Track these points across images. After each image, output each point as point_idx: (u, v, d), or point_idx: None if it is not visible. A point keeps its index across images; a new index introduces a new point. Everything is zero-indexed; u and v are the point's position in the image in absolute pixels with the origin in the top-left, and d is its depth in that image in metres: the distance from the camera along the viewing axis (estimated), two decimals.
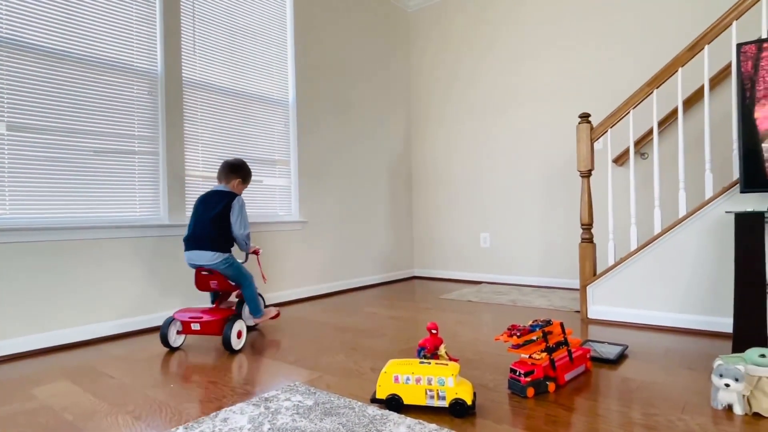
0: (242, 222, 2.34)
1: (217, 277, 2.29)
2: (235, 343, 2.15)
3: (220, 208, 2.29)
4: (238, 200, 2.35)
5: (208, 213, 2.29)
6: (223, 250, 2.28)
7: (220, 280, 2.29)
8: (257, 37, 3.32)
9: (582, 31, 3.70)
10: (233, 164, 2.46)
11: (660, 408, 1.45)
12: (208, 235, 2.25)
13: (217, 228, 2.27)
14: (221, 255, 2.26)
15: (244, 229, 2.35)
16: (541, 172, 3.92)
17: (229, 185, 2.43)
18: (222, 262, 2.27)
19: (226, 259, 2.28)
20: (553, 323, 1.72)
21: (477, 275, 4.30)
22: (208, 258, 2.25)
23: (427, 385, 1.43)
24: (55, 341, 2.28)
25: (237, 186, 2.45)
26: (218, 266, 2.26)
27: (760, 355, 1.40)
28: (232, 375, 1.83)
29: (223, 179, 2.45)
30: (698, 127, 3.18)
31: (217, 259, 2.25)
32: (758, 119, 1.97)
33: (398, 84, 4.62)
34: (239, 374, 1.84)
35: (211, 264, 2.26)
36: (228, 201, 2.32)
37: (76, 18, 2.41)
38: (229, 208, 2.31)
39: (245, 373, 1.86)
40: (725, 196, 2.26)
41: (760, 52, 1.97)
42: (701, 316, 2.35)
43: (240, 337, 2.20)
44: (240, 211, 2.33)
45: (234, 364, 1.97)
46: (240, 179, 2.47)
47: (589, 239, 2.72)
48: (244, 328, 2.24)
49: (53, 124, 2.32)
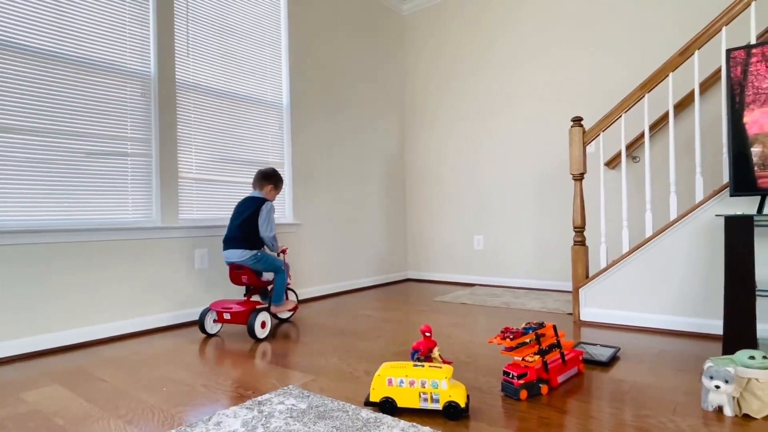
0: (268, 225, 2.58)
1: (246, 273, 2.55)
2: (258, 332, 2.40)
3: (250, 212, 2.56)
4: (267, 205, 2.60)
5: (239, 217, 2.58)
6: (251, 248, 2.53)
7: (250, 275, 2.56)
8: (251, 39, 3.32)
9: (575, 36, 3.73)
10: (265, 172, 2.70)
11: (651, 409, 1.46)
12: (238, 236, 2.53)
13: (245, 229, 2.54)
14: (249, 252, 2.51)
15: (270, 231, 2.59)
16: (534, 175, 3.95)
17: (263, 191, 2.68)
18: (250, 258, 2.52)
19: (253, 255, 2.52)
20: (546, 326, 1.73)
21: (471, 277, 4.31)
22: (238, 255, 2.52)
23: (421, 388, 1.43)
24: (46, 345, 2.26)
25: (269, 192, 2.70)
26: (247, 262, 2.52)
27: (750, 357, 1.42)
28: (227, 378, 1.82)
29: (257, 186, 2.70)
30: (689, 130, 3.21)
31: (246, 256, 2.51)
32: (747, 124, 2.00)
33: (392, 87, 4.63)
34: (233, 377, 1.83)
35: (240, 260, 2.52)
36: (258, 206, 2.59)
37: (67, 18, 2.39)
38: (258, 212, 2.57)
39: (239, 375, 1.85)
40: (715, 199, 2.28)
41: (749, 58, 1.99)
42: (692, 318, 2.38)
43: (264, 327, 2.44)
44: (267, 215, 2.58)
45: (230, 367, 1.96)
46: (272, 185, 2.71)
47: (582, 242, 2.74)
48: (268, 319, 2.48)
49: (45, 126, 2.31)
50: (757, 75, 1.98)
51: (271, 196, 2.70)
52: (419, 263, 4.67)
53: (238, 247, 2.52)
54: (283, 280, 2.64)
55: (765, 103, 1.97)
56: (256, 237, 2.57)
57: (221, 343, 2.37)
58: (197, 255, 2.88)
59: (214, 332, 2.57)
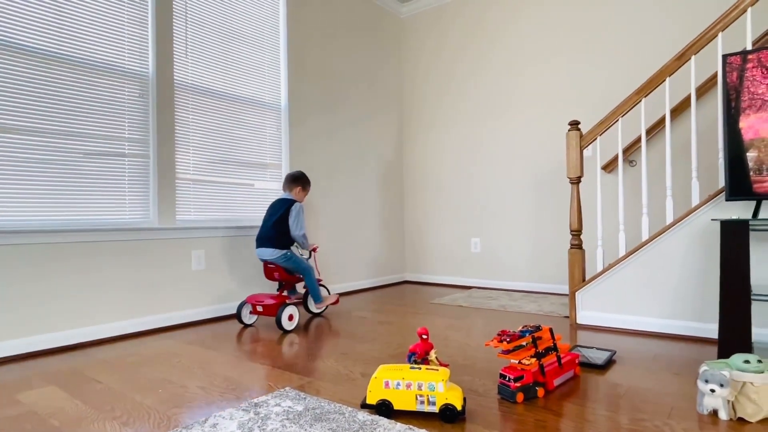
0: (298, 224, 2.78)
1: (278, 269, 2.78)
2: (286, 324, 2.61)
3: (281, 213, 2.76)
4: (296, 206, 2.80)
5: (271, 217, 2.78)
6: (282, 247, 2.74)
7: (281, 272, 2.78)
8: (250, 41, 3.32)
9: (572, 41, 3.75)
10: (294, 175, 2.91)
11: (647, 413, 1.47)
12: (270, 236, 2.74)
13: (276, 229, 2.74)
14: (279, 251, 2.73)
15: (300, 230, 2.79)
16: (531, 179, 3.96)
17: (292, 193, 2.88)
18: (280, 257, 2.73)
19: (284, 254, 2.74)
20: (543, 329, 1.74)
21: (467, 280, 4.31)
22: (269, 254, 2.73)
23: (418, 391, 1.44)
24: (41, 345, 2.25)
25: (298, 193, 2.90)
26: (278, 260, 2.74)
27: (745, 360, 1.43)
28: (223, 379, 1.82)
29: (286, 188, 2.91)
30: (685, 135, 3.23)
31: (276, 254, 2.73)
32: (743, 129, 2.01)
33: (390, 89, 4.64)
34: (230, 378, 1.83)
35: (271, 258, 2.74)
36: (288, 207, 2.79)
37: (66, 18, 2.39)
38: (288, 212, 2.77)
39: (235, 377, 1.85)
40: (711, 203, 2.30)
41: (744, 63, 2.01)
42: (688, 322, 2.39)
43: (291, 320, 2.66)
44: (297, 215, 2.78)
45: (227, 368, 1.96)
46: (300, 187, 2.91)
47: (578, 245, 2.75)
48: (296, 312, 2.68)
49: (42, 126, 2.30)
50: (753, 80, 2.00)
51: (300, 198, 2.89)
52: (416, 265, 4.67)
53: (269, 246, 2.73)
54: (312, 281, 2.84)
55: (761, 109, 1.98)
56: (286, 237, 2.77)
57: (219, 344, 2.37)
58: (194, 256, 2.87)
59: (250, 323, 2.81)
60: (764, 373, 1.40)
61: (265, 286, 3.31)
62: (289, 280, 2.84)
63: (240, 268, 3.15)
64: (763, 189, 1.98)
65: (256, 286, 3.25)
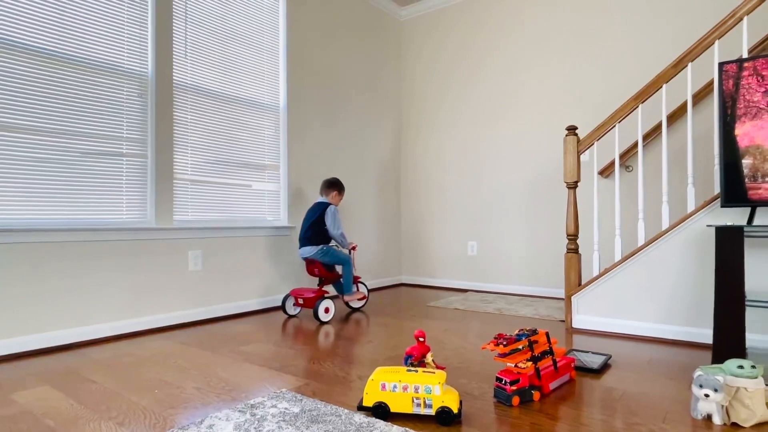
0: (335, 224, 3.07)
1: (317, 266, 3.06)
2: (322, 316, 2.88)
3: (317, 215, 3.06)
4: (331, 208, 3.08)
5: (309, 219, 3.09)
6: (317, 244, 3.03)
7: (320, 268, 3.07)
8: (249, 42, 3.32)
9: (571, 47, 3.77)
10: (330, 182, 3.20)
11: (642, 417, 1.47)
12: (308, 236, 3.05)
13: (313, 230, 3.05)
14: (316, 247, 3.02)
15: (337, 229, 3.08)
16: (528, 183, 3.98)
17: (328, 197, 3.17)
18: (318, 252, 3.02)
19: (320, 249, 3.02)
20: (539, 332, 1.75)
21: (464, 283, 4.32)
22: (308, 251, 3.03)
23: (414, 393, 1.44)
24: (36, 345, 2.24)
25: (334, 197, 3.18)
26: (316, 256, 3.02)
27: (739, 366, 1.44)
28: (219, 380, 1.82)
29: (323, 193, 3.20)
30: (681, 141, 3.26)
31: (314, 251, 3.02)
32: (738, 136, 2.03)
33: (389, 92, 4.65)
34: (226, 379, 1.83)
35: (311, 255, 3.03)
36: (323, 210, 3.07)
37: (66, 18, 2.39)
38: (324, 215, 3.05)
39: (232, 378, 1.84)
40: (707, 209, 2.31)
41: (740, 72, 2.03)
42: (683, 327, 2.40)
43: (327, 312, 2.92)
44: (332, 216, 3.07)
45: (223, 369, 1.95)
46: (336, 192, 3.20)
47: (575, 250, 2.76)
48: (332, 305, 2.95)
49: (40, 125, 2.30)
50: (749, 88, 2.02)
51: (335, 201, 3.18)
52: (413, 268, 4.68)
53: (308, 244, 3.03)
54: (349, 271, 3.13)
55: (756, 116, 2.00)
56: (322, 235, 3.06)
57: (216, 345, 2.36)
58: (191, 256, 2.87)
59: (294, 314, 3.14)
60: (758, 379, 1.41)
61: (263, 286, 3.31)
62: (327, 276, 3.11)
63: (237, 269, 3.15)
64: (757, 196, 1.99)
65: (253, 286, 3.25)
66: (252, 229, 3.23)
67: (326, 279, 3.14)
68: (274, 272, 3.41)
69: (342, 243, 3.12)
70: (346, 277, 3.13)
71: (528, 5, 3.99)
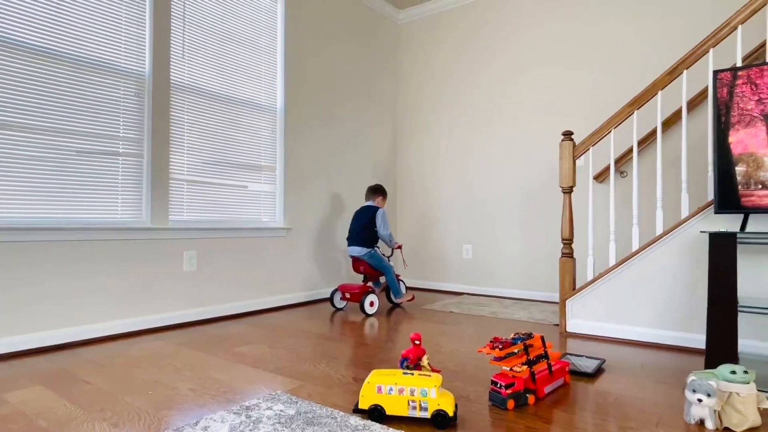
0: (385, 225, 3.40)
1: (363, 264, 3.38)
2: (367, 309, 3.19)
3: (367, 218, 3.38)
4: (380, 211, 3.42)
5: (359, 222, 3.39)
6: (367, 246, 3.34)
7: (365, 267, 3.38)
8: (247, 43, 3.32)
9: (567, 53, 3.80)
10: (374, 187, 3.56)
11: (635, 421, 1.48)
12: (358, 237, 3.35)
13: (363, 232, 3.35)
14: (365, 249, 3.34)
15: (386, 230, 3.41)
16: (523, 187, 3.99)
17: (375, 201, 3.52)
18: (366, 254, 3.34)
19: (368, 252, 3.34)
20: (534, 336, 1.76)
21: (459, 286, 4.33)
22: (358, 251, 3.35)
23: (410, 396, 1.44)
24: (29, 344, 2.22)
25: (380, 201, 3.54)
26: (364, 257, 3.34)
27: (731, 371, 1.45)
28: (214, 382, 1.81)
29: (370, 198, 3.55)
30: (676, 147, 3.28)
31: (362, 252, 3.34)
32: (732, 143, 2.06)
33: (385, 94, 4.66)
34: (221, 381, 1.82)
35: (359, 255, 3.35)
36: (373, 213, 3.41)
37: (63, 16, 2.38)
38: (374, 218, 3.39)
39: (227, 380, 1.84)
40: (700, 215, 2.34)
41: (734, 80, 2.05)
42: (676, 332, 2.42)
43: (372, 306, 3.22)
44: (382, 218, 3.40)
45: (218, 371, 1.95)
46: (382, 196, 3.56)
47: (569, 254, 2.77)
48: (376, 300, 3.25)
49: (36, 123, 2.28)
50: (743, 96, 2.04)
51: (381, 205, 3.51)
52: (408, 271, 4.68)
53: (357, 245, 3.34)
54: (392, 279, 3.43)
55: (749, 124, 2.03)
56: (371, 237, 3.36)
57: (211, 346, 2.35)
58: (186, 257, 2.86)
59: (341, 307, 3.42)
60: (750, 384, 1.42)
61: (258, 288, 3.30)
62: (371, 274, 3.43)
63: (232, 270, 3.14)
64: (750, 203, 2.02)
65: (248, 288, 3.24)
66: (247, 230, 3.23)
67: (370, 276, 3.48)
68: (269, 274, 3.40)
69: (389, 243, 3.45)
70: (391, 283, 3.44)
71: (524, 11, 4.02)
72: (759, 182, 2.00)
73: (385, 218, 3.42)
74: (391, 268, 3.43)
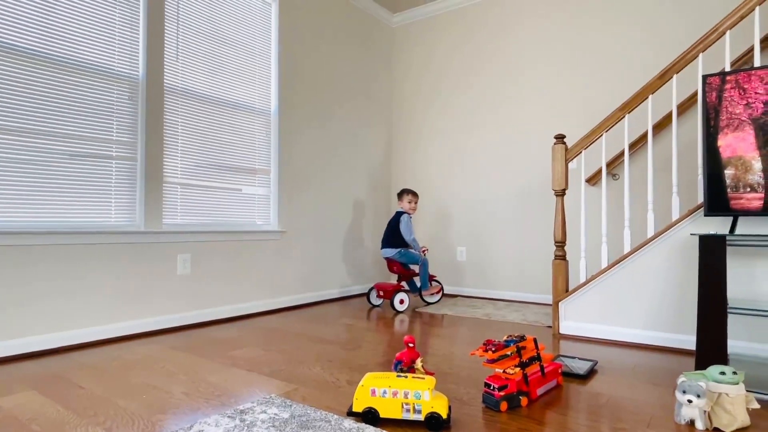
0: (408, 231, 3.60)
1: (396, 265, 3.62)
2: (398, 306, 3.46)
3: (394, 224, 3.64)
4: (403, 217, 3.63)
5: (389, 226, 3.67)
6: (396, 246, 3.60)
7: (398, 267, 3.62)
8: (241, 46, 3.33)
9: (560, 57, 3.83)
10: (400, 191, 3.76)
11: (627, 422, 1.50)
12: (388, 240, 3.63)
13: (392, 235, 3.62)
14: (394, 250, 3.59)
15: (410, 235, 3.60)
16: (517, 189, 4.02)
17: (400, 205, 3.72)
18: (396, 254, 3.59)
19: (398, 251, 3.59)
20: (527, 339, 1.77)
21: (453, 288, 4.35)
22: (389, 252, 3.61)
23: (404, 399, 1.45)
24: (22, 349, 2.21)
25: (404, 204, 3.70)
26: (395, 256, 3.59)
27: (721, 372, 1.47)
28: (208, 385, 1.81)
29: (399, 201, 3.75)
30: (667, 150, 3.32)
31: (393, 252, 3.59)
32: (721, 147, 2.09)
33: (380, 97, 4.67)
34: (215, 384, 1.82)
35: (390, 256, 3.61)
36: (398, 218, 3.64)
37: (55, 19, 2.38)
38: (398, 222, 3.62)
39: (221, 383, 1.84)
40: (690, 218, 2.36)
41: (723, 84, 2.08)
42: (667, 333, 2.44)
43: (402, 303, 3.47)
44: (405, 224, 3.60)
45: (212, 374, 1.95)
46: (401, 199, 3.71)
47: (562, 256, 2.80)
48: (406, 298, 3.50)
49: (28, 126, 2.28)
50: (731, 101, 2.07)
51: (406, 207, 3.68)
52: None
53: (388, 246, 3.61)
54: (425, 270, 3.60)
55: (738, 128, 2.06)
56: (399, 239, 3.59)
57: (204, 349, 2.35)
58: (180, 260, 2.85)
59: (377, 304, 3.71)
60: (739, 385, 1.45)
61: (252, 291, 3.30)
62: (404, 273, 3.62)
63: (226, 273, 3.13)
64: (739, 205, 2.04)
65: (242, 291, 3.24)
66: (242, 234, 3.23)
67: (403, 276, 3.65)
68: (264, 277, 3.40)
69: (414, 247, 3.62)
70: (423, 274, 3.59)
71: (518, 15, 4.05)
72: (747, 185, 2.03)
73: (409, 224, 3.60)
74: (426, 262, 3.61)
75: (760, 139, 2.01)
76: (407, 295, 3.50)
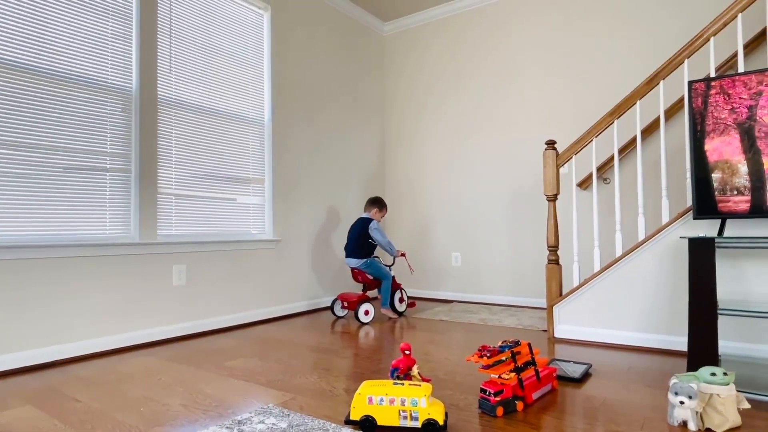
0: (382, 235, 3.47)
1: (361, 275, 3.46)
2: (362, 318, 3.26)
3: (360, 230, 3.45)
4: (373, 223, 3.48)
5: (353, 233, 3.48)
6: (362, 257, 3.41)
7: (363, 277, 3.46)
8: (234, 57, 3.35)
9: (550, 63, 3.88)
10: (372, 199, 3.62)
11: (621, 424, 1.52)
12: (353, 248, 3.44)
13: (358, 243, 3.43)
14: (361, 260, 3.41)
15: (383, 238, 3.47)
16: (510, 194, 4.06)
17: (370, 213, 3.57)
18: (362, 264, 3.41)
19: (364, 262, 3.41)
20: (522, 344, 1.79)
21: (448, 294, 4.36)
22: (355, 262, 3.43)
23: (401, 406, 1.46)
24: (17, 363, 2.20)
25: (375, 213, 3.58)
26: (361, 267, 3.42)
27: (712, 373, 1.50)
28: (205, 397, 1.81)
29: (367, 209, 3.60)
30: (656, 154, 3.37)
31: (359, 263, 3.42)
32: (708, 151, 2.13)
33: (373, 105, 4.71)
34: (212, 396, 1.82)
35: (356, 266, 3.43)
36: (366, 225, 3.47)
37: (48, 33, 2.39)
38: (367, 229, 3.45)
39: (218, 394, 1.84)
40: (680, 221, 2.40)
41: (708, 90, 2.13)
42: (659, 335, 2.47)
43: (367, 314, 3.29)
44: (378, 231, 3.46)
45: (209, 385, 1.95)
46: (377, 209, 3.59)
47: (556, 261, 2.83)
48: (371, 308, 3.33)
49: (21, 140, 2.28)
50: (716, 106, 2.12)
51: (376, 217, 3.56)
52: (398, 279, 4.70)
53: (354, 256, 3.42)
54: (387, 287, 3.44)
55: (723, 133, 2.10)
56: (366, 248, 3.43)
57: (201, 360, 2.35)
58: (175, 271, 2.85)
59: (341, 315, 3.51)
60: (729, 385, 1.47)
61: (248, 301, 3.30)
62: (370, 283, 3.49)
63: (221, 283, 3.14)
64: (727, 208, 2.08)
65: (238, 300, 3.24)
66: (237, 243, 3.23)
67: (368, 286, 3.52)
68: (259, 286, 3.40)
69: (390, 251, 3.50)
70: (384, 291, 3.44)
71: (507, 23, 4.10)
72: (734, 188, 2.07)
73: (380, 228, 3.48)
74: (389, 277, 3.44)
75: (745, 143, 2.06)
76: (371, 305, 3.36)
